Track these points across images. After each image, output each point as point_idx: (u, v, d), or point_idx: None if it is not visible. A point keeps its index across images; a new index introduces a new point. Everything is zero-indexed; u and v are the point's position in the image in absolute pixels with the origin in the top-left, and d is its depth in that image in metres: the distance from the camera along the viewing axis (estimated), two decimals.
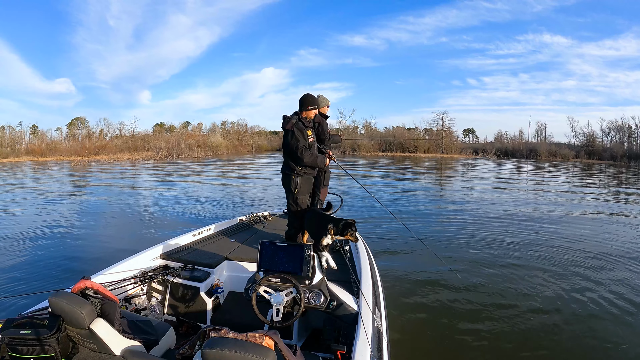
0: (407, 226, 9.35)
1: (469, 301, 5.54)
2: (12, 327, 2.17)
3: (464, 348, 4.39)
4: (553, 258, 7.42)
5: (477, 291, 5.88)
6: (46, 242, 8.56)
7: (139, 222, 10.66)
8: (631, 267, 6.93)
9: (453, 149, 61.58)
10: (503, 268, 6.85)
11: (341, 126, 73.83)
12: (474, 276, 6.46)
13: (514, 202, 14.68)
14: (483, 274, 6.60)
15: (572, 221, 10.99)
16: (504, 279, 6.37)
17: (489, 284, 6.16)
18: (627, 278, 6.37)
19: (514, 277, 6.44)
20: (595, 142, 59.96)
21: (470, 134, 79.90)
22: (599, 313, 5.18)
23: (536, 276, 6.46)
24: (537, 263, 7.11)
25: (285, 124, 4.43)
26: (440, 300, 5.56)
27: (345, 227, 3.73)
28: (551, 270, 6.73)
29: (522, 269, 6.79)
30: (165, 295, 3.82)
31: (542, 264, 7.06)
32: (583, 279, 6.32)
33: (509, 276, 6.47)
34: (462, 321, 4.96)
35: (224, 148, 60.58)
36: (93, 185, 20.97)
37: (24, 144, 61.22)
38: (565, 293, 5.82)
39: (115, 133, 71.45)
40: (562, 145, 61.02)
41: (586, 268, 6.80)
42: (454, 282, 6.17)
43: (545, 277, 6.41)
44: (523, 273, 6.60)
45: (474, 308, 5.32)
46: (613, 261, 7.20)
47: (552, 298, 5.64)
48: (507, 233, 9.40)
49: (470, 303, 5.47)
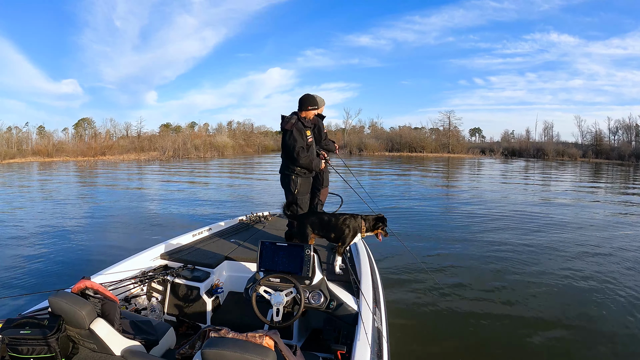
0: (407, 226, 9.35)
1: (469, 301, 5.51)
2: (12, 327, 2.18)
3: (464, 348, 4.37)
4: (559, 259, 7.36)
5: (477, 291, 5.84)
6: (46, 241, 8.61)
7: (139, 222, 10.71)
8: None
9: (460, 149, 61.41)
10: (506, 269, 6.80)
11: (347, 126, 73.96)
12: (474, 277, 6.43)
13: (523, 202, 14.57)
14: (484, 274, 6.55)
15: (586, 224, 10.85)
16: (505, 279, 6.32)
17: (489, 284, 6.12)
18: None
19: (515, 277, 6.39)
20: (603, 141, 59.49)
21: (477, 134, 79.83)
22: (606, 316, 5.12)
23: (538, 277, 6.40)
24: (540, 264, 7.04)
25: (285, 123, 4.41)
26: (441, 300, 5.53)
27: (377, 222, 3.83)
28: (555, 272, 6.66)
29: (524, 270, 6.73)
30: (165, 295, 3.82)
31: (545, 265, 6.98)
32: (589, 280, 6.26)
33: (511, 277, 6.42)
34: (462, 321, 4.94)
35: (230, 148, 60.76)
36: (97, 185, 21.10)
37: (30, 145, 61.72)
38: (569, 296, 5.77)
39: (122, 133, 72.07)
40: (569, 144, 60.71)
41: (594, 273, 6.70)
42: (455, 282, 6.15)
43: (548, 278, 6.34)
44: (525, 274, 6.55)
45: (474, 308, 5.30)
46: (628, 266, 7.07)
47: (554, 299, 5.60)
48: (511, 234, 9.32)
49: (470, 303, 5.45)
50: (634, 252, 7.74)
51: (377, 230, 3.84)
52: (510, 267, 6.85)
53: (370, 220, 3.84)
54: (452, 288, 5.92)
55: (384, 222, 3.84)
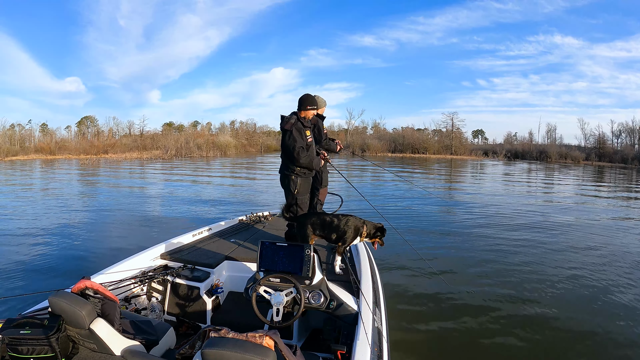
0: (407, 227, 9.33)
1: (468, 301, 5.51)
2: (12, 327, 2.18)
3: (464, 348, 4.38)
4: (559, 262, 7.33)
5: (477, 292, 5.83)
6: (47, 241, 8.61)
7: (140, 222, 10.71)
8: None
9: (463, 150, 61.38)
10: (505, 269, 6.80)
11: (350, 126, 73.87)
12: (474, 277, 6.43)
13: (530, 205, 14.54)
14: (484, 274, 6.55)
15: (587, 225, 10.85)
16: (505, 280, 6.32)
17: (489, 285, 6.12)
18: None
19: (515, 278, 6.39)
20: (606, 144, 59.20)
21: (480, 135, 79.48)
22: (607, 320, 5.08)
23: (539, 277, 6.40)
24: (542, 265, 7.02)
25: (284, 123, 4.41)
26: (440, 301, 5.54)
27: (377, 231, 3.87)
28: (557, 273, 6.65)
29: (524, 271, 6.73)
30: (165, 295, 3.82)
31: (547, 267, 6.97)
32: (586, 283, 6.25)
33: (511, 278, 6.41)
34: (462, 321, 4.94)
35: (232, 148, 60.74)
36: (98, 184, 21.13)
37: (33, 142, 61.82)
38: (565, 292, 5.85)
39: (124, 132, 72.04)
40: (572, 147, 60.47)
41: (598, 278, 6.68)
42: (455, 282, 6.14)
43: (549, 279, 6.33)
44: (526, 274, 6.55)
45: (474, 308, 5.29)
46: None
47: (554, 300, 5.59)
48: (514, 235, 9.29)
49: (470, 303, 5.45)
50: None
51: (375, 239, 3.89)
52: (512, 269, 6.84)
53: (372, 228, 3.86)
54: (452, 289, 5.90)
55: (382, 233, 3.88)
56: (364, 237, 3.86)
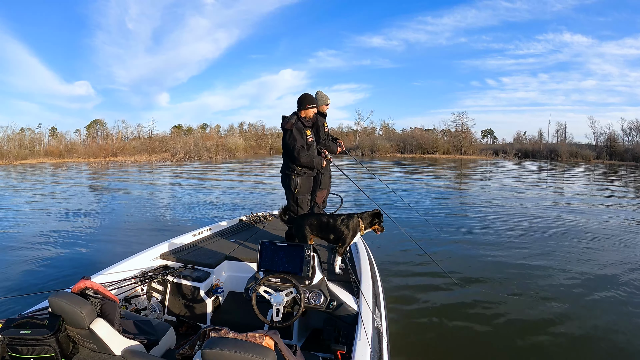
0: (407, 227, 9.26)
1: (468, 301, 5.48)
2: (12, 327, 2.20)
3: (464, 348, 4.35)
4: (563, 259, 7.26)
5: (477, 292, 5.80)
6: (47, 241, 8.69)
7: (140, 222, 10.78)
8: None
9: (472, 150, 61.06)
10: (506, 269, 6.75)
11: (359, 127, 73.75)
12: (474, 277, 6.38)
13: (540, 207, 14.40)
14: (484, 274, 6.50)
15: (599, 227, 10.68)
16: (505, 280, 6.26)
17: (490, 285, 6.07)
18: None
19: (515, 278, 6.33)
20: (617, 142, 58.29)
21: (489, 135, 78.90)
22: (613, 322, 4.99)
23: (540, 278, 6.34)
24: (544, 266, 6.92)
25: (285, 123, 4.44)
26: (440, 300, 5.51)
27: (374, 218, 3.85)
28: (560, 273, 6.56)
29: (525, 271, 6.66)
30: (165, 295, 3.84)
31: (550, 268, 6.86)
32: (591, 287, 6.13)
33: (511, 278, 6.36)
34: (462, 321, 4.91)
35: (241, 149, 60.99)
36: (105, 186, 21.30)
37: (43, 146, 62.71)
38: (566, 288, 5.84)
39: (133, 135, 72.65)
40: (582, 145, 59.64)
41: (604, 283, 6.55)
42: (455, 282, 6.09)
43: (557, 281, 6.25)
44: (525, 274, 6.50)
45: (474, 308, 5.27)
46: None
47: (555, 300, 5.54)
48: (515, 235, 9.20)
49: (470, 303, 5.42)
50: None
51: (375, 226, 3.88)
52: (513, 268, 6.79)
53: (367, 218, 3.85)
54: (452, 289, 5.88)
55: (379, 218, 3.87)
56: (364, 230, 3.85)
